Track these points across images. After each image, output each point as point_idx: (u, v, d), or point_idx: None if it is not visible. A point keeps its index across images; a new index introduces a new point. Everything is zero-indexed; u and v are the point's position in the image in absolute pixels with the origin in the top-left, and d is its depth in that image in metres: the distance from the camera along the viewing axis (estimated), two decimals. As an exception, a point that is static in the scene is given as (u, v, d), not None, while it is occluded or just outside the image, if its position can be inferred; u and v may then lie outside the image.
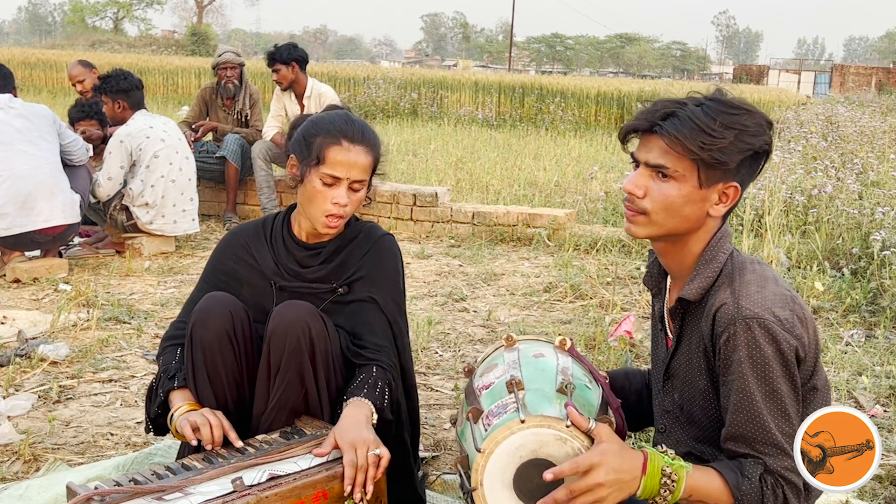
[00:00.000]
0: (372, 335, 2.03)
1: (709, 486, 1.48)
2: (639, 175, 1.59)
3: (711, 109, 1.54)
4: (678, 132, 1.52)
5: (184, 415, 1.89)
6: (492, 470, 1.46)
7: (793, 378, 1.51)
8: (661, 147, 1.55)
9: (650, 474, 1.43)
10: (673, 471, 1.45)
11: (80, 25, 61.72)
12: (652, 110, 1.58)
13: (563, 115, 16.66)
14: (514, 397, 1.55)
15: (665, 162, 1.55)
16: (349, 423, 1.78)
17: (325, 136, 2.00)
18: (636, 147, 1.62)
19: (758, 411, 1.48)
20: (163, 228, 5.17)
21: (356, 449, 1.71)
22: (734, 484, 1.47)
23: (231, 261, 2.14)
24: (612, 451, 1.42)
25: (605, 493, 1.40)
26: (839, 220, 5.29)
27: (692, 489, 1.46)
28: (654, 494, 1.45)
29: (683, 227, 1.60)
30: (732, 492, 1.47)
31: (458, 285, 4.69)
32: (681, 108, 1.56)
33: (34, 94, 18.81)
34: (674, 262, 1.68)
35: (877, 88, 31.23)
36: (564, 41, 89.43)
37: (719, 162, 1.53)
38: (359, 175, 2.00)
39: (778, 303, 1.52)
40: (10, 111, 4.50)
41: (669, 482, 1.44)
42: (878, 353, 3.62)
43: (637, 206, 1.59)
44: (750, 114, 1.56)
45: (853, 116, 13.65)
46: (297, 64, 6.10)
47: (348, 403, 1.86)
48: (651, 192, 1.58)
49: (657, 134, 1.55)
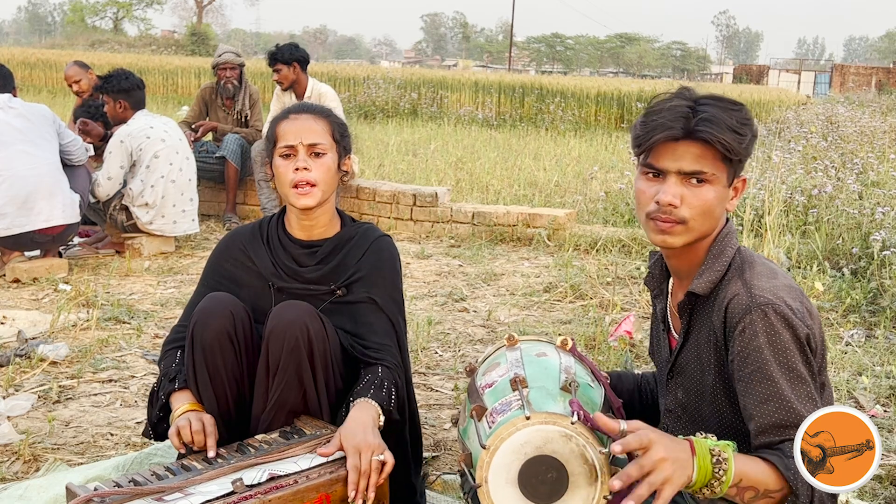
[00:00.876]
0: (374, 335, 2.04)
1: (756, 469, 1.42)
2: (673, 185, 1.54)
3: (723, 107, 1.54)
4: (719, 134, 1.50)
5: (179, 417, 1.89)
6: (497, 466, 1.46)
7: (811, 363, 1.50)
8: (694, 153, 1.53)
9: (700, 455, 1.38)
10: (721, 449, 1.39)
11: (79, 25, 61.70)
12: (673, 116, 1.53)
13: (563, 115, 16.67)
14: (519, 394, 1.55)
15: (701, 167, 1.53)
16: (355, 425, 1.78)
17: (275, 121, 2.11)
18: (652, 156, 1.56)
19: (786, 397, 1.46)
20: (163, 228, 5.17)
21: (361, 453, 1.71)
22: (783, 465, 1.42)
23: (229, 263, 2.15)
24: (658, 432, 1.38)
25: (671, 470, 1.34)
26: (839, 220, 5.29)
27: (741, 473, 1.40)
28: (709, 477, 1.38)
29: (713, 228, 1.61)
30: (783, 473, 1.42)
31: (458, 285, 4.69)
32: (697, 109, 1.53)
33: (34, 94, 18.84)
34: (683, 262, 1.67)
35: (877, 88, 31.23)
36: (564, 41, 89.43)
37: (744, 158, 1.56)
38: (312, 138, 2.03)
39: (789, 293, 1.53)
40: (9, 111, 4.50)
41: (721, 460, 1.38)
42: (878, 353, 3.62)
43: (675, 216, 1.55)
44: (745, 107, 1.59)
45: (853, 116, 13.65)
46: (299, 64, 6.10)
47: (355, 404, 1.86)
48: (687, 199, 1.55)
49: (693, 139, 1.52)
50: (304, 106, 2.12)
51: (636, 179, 1.63)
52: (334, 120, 2.11)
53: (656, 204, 1.56)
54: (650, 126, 1.55)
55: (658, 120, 1.54)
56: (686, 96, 1.58)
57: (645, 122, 1.57)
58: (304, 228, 2.12)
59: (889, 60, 76.74)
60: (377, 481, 1.71)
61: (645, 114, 1.59)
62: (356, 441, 1.73)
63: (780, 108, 17.43)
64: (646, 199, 1.59)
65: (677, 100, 1.57)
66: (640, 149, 1.58)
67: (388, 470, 1.73)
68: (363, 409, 1.84)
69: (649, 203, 1.58)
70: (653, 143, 1.55)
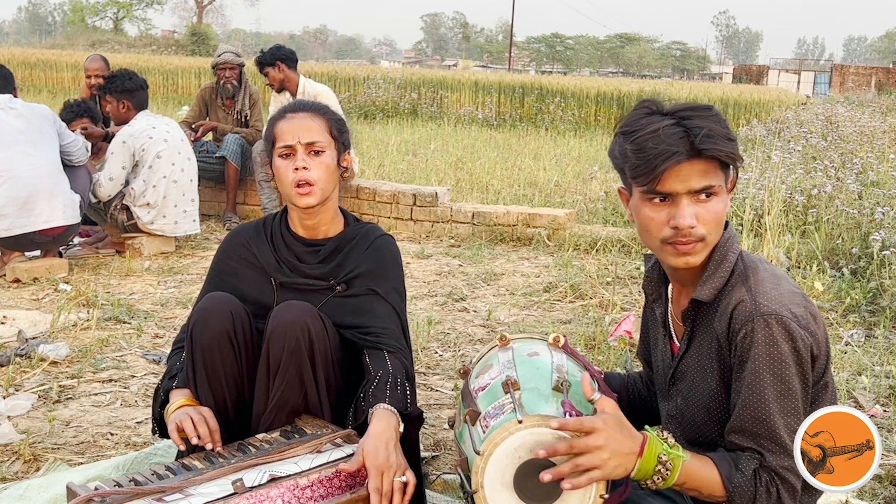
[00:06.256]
0: (376, 319, 2.03)
1: (703, 476, 1.48)
2: (686, 206, 1.52)
3: (707, 117, 1.53)
4: (722, 147, 1.50)
5: (175, 412, 1.90)
6: (491, 471, 1.46)
7: (805, 377, 1.51)
8: (699, 170, 1.51)
9: (646, 458, 1.43)
10: (669, 459, 1.45)
11: (80, 25, 61.68)
12: (672, 140, 1.49)
13: (563, 115, 16.66)
14: (511, 398, 1.55)
15: (709, 181, 1.52)
16: (378, 443, 1.73)
17: (272, 121, 2.10)
18: (657, 183, 1.52)
19: (767, 408, 1.48)
20: (163, 229, 5.17)
21: (383, 475, 1.69)
22: (727, 476, 1.48)
23: (232, 260, 2.16)
24: (613, 422, 1.43)
25: (605, 457, 1.39)
26: (839, 220, 5.30)
27: (687, 477, 1.47)
28: (647, 477, 1.45)
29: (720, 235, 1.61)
30: (724, 483, 1.48)
31: (458, 285, 4.69)
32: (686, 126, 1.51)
33: (34, 94, 18.83)
34: (688, 270, 1.64)
35: (876, 88, 31.24)
36: (564, 41, 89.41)
37: (739, 162, 1.56)
38: (310, 137, 2.03)
39: (793, 299, 1.53)
40: (10, 111, 4.50)
41: (664, 470, 1.44)
42: (878, 353, 3.62)
43: (695, 236, 1.54)
44: (714, 108, 1.58)
45: (853, 116, 13.65)
46: (282, 62, 6.10)
47: (374, 414, 1.82)
48: (702, 216, 1.53)
49: (698, 158, 1.50)
50: (300, 104, 2.11)
51: (639, 207, 1.57)
52: (331, 116, 2.11)
53: (673, 229, 1.53)
54: (650, 154, 1.50)
55: (657, 147, 1.49)
56: (661, 112, 1.56)
57: (641, 150, 1.51)
58: (306, 227, 2.12)
59: (889, 60, 76.75)
60: (401, 502, 1.70)
61: (634, 141, 1.52)
62: (379, 461, 1.70)
63: (779, 108, 17.40)
64: (657, 226, 1.55)
65: (657, 118, 1.54)
66: (643, 178, 1.53)
67: (411, 491, 1.72)
68: (383, 419, 1.79)
69: (662, 229, 1.55)
70: (660, 172, 1.50)
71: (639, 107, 1.59)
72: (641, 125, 1.54)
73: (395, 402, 1.86)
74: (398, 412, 1.85)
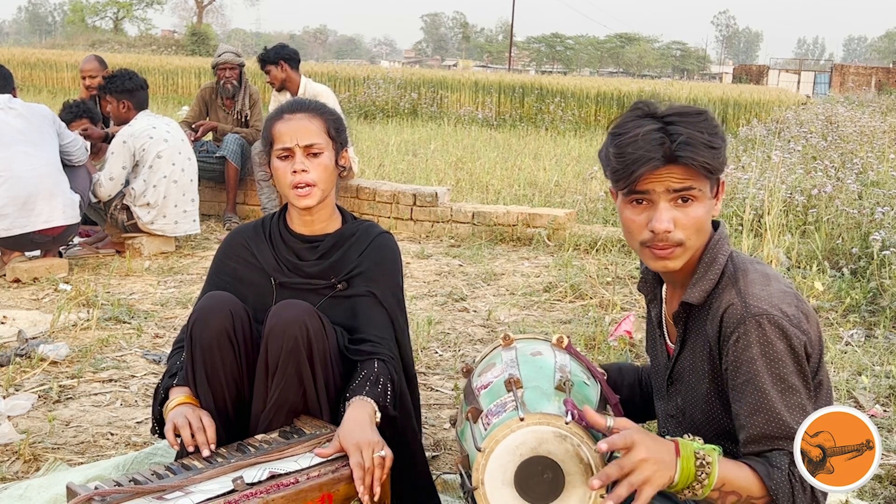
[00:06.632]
0: (372, 327, 2.04)
1: (739, 475, 1.44)
2: (664, 209, 1.53)
3: (693, 123, 1.52)
4: (698, 156, 1.50)
5: (172, 410, 1.91)
6: (492, 468, 1.47)
7: (804, 373, 1.51)
8: (677, 174, 1.52)
9: (685, 457, 1.40)
10: (706, 453, 1.42)
11: (80, 25, 61.69)
12: (649, 145, 1.50)
13: (563, 115, 16.67)
14: (513, 395, 1.55)
15: (689, 184, 1.52)
16: (353, 424, 1.78)
17: (269, 121, 2.10)
18: (635, 185, 1.54)
19: (776, 409, 1.47)
20: (164, 229, 5.17)
21: (362, 451, 1.72)
22: (765, 473, 1.45)
23: (232, 261, 2.17)
24: (643, 432, 1.41)
25: (652, 470, 1.37)
26: (839, 220, 5.30)
27: (724, 478, 1.42)
28: (692, 479, 1.41)
29: (705, 240, 1.60)
30: (764, 481, 1.44)
31: (458, 285, 4.69)
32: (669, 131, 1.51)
33: (34, 94, 18.83)
34: (677, 273, 1.65)
35: (877, 88, 31.24)
36: (564, 41, 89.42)
37: (723, 167, 1.56)
38: (308, 139, 2.04)
39: (784, 299, 1.52)
40: (10, 111, 4.50)
41: (705, 464, 1.41)
42: (878, 352, 3.62)
43: (672, 240, 1.55)
44: (708, 113, 1.58)
45: (853, 116, 13.64)
46: (285, 62, 6.10)
47: (351, 404, 1.86)
48: (680, 221, 1.54)
49: (675, 164, 1.51)
50: (297, 104, 2.11)
51: (621, 209, 1.60)
52: (329, 115, 2.11)
53: (651, 233, 1.55)
54: (628, 159, 1.52)
55: (635, 153, 1.51)
56: (652, 114, 1.56)
57: (621, 155, 1.53)
58: (305, 224, 2.14)
59: (889, 60, 76.76)
60: (381, 477, 1.72)
61: (616, 144, 1.54)
62: (355, 439, 1.74)
63: (779, 108, 17.40)
64: (637, 228, 1.57)
65: (644, 122, 1.54)
66: (622, 183, 1.55)
67: (389, 465, 1.75)
68: (359, 407, 1.84)
69: (642, 231, 1.57)
70: (636, 178, 1.52)
71: (632, 108, 1.60)
72: (627, 128, 1.55)
73: (373, 395, 1.88)
74: (378, 406, 1.87)
